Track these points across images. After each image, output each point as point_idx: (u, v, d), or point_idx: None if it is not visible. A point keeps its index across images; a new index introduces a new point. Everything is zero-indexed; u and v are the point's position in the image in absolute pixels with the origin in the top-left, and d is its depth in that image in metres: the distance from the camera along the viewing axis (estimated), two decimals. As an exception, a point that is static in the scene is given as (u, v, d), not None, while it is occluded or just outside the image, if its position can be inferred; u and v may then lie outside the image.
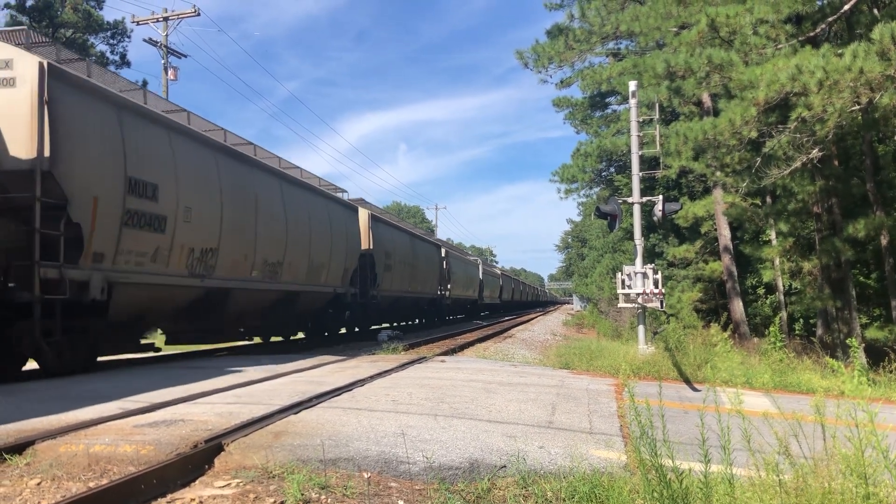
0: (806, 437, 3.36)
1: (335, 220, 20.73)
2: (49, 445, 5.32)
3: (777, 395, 8.87)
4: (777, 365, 11.93)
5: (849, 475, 2.89)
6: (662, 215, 15.64)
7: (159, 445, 5.29)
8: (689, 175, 27.20)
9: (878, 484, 2.88)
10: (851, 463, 2.86)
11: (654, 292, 14.70)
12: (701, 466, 3.61)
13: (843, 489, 2.84)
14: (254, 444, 5.50)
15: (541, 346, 23.13)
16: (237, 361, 12.61)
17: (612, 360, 13.36)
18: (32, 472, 4.84)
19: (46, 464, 4.96)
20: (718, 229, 26.51)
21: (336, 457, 5.24)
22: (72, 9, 37.93)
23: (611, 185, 35.05)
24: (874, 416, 2.98)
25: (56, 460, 5.01)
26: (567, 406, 8.09)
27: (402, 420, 6.62)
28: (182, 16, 31.94)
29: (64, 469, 4.88)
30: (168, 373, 10.40)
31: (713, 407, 3.68)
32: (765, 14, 14.70)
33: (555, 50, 23.73)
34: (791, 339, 24.55)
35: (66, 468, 4.89)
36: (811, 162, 17.79)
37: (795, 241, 24.00)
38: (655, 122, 16.34)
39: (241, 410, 6.77)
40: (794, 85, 13.41)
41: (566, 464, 5.24)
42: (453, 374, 10.74)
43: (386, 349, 15.92)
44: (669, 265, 31.53)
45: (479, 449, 5.64)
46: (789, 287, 27.35)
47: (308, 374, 10.41)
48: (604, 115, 36.43)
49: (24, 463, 5.00)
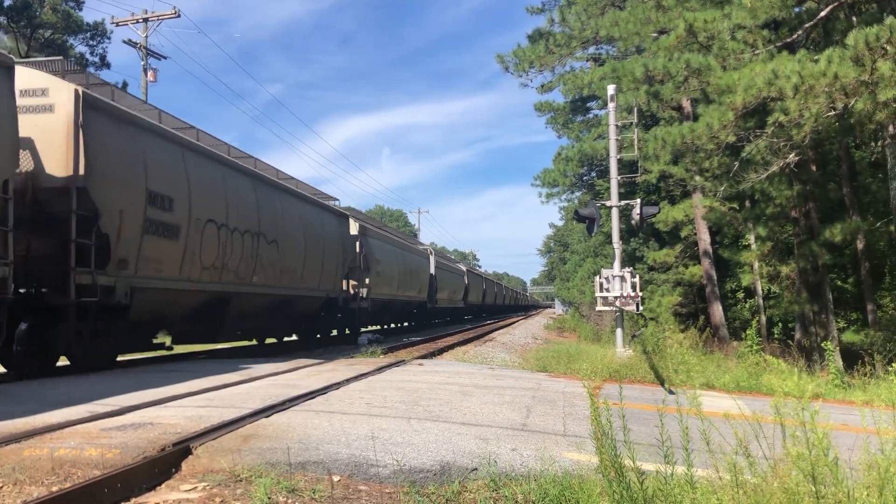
0: (766, 438, 3.37)
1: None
2: (12, 449, 5.23)
3: (749, 397, 8.92)
4: (753, 368, 12.01)
5: (802, 476, 2.90)
6: (640, 219, 15.70)
7: (126, 449, 5.22)
8: (669, 179, 27.35)
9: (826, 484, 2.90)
10: (801, 464, 2.87)
11: (631, 296, 14.75)
12: (668, 469, 3.61)
13: (798, 489, 2.86)
14: (222, 447, 5.44)
15: (521, 350, 23.13)
16: (214, 365, 12.51)
17: (590, 363, 13.39)
18: (-6, 476, 4.76)
19: (9, 468, 4.88)
20: (698, 233, 26.68)
21: (305, 460, 5.20)
22: (51, 9, 37.56)
23: (592, 190, 35.20)
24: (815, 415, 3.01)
25: (19, 464, 4.93)
26: (542, 409, 8.08)
27: (375, 423, 6.58)
28: (162, 17, 31.76)
29: (27, 473, 4.80)
30: (141, 376, 10.29)
31: (674, 408, 3.68)
32: (742, 20, 14.82)
33: (535, 54, 23.82)
34: (769, 342, 24.73)
35: (28, 472, 4.81)
36: (788, 166, 17.96)
37: (774, 246, 24.21)
38: (634, 127, 16.40)
39: (211, 414, 6.70)
40: (771, 90, 13.53)
41: (538, 466, 5.22)
42: (430, 378, 10.70)
43: (364, 353, 15.87)
44: (650, 269, 31.69)
45: (451, 452, 5.61)
46: (768, 291, 27.56)
47: (284, 378, 10.34)
48: (585, 120, 36.57)
49: (-14, 467, 4.91)
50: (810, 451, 2.77)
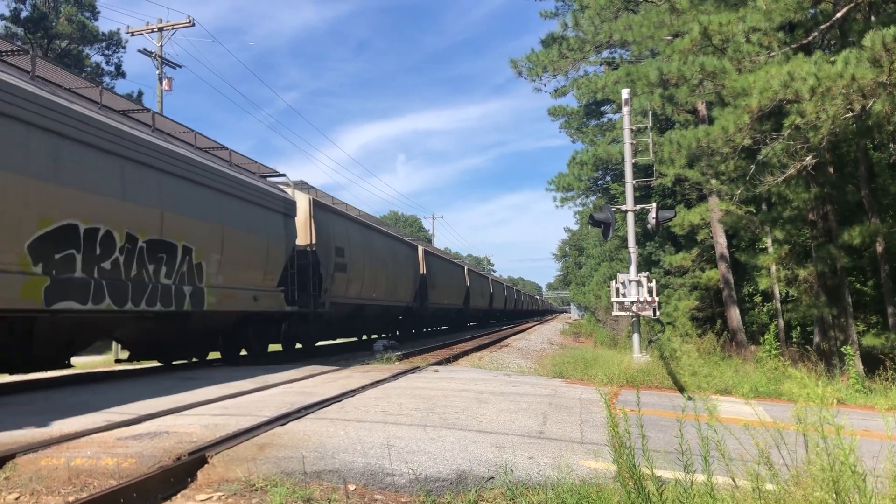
0: (787, 447, 3.30)
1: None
2: (30, 459, 5.25)
3: (769, 403, 8.82)
4: (771, 373, 11.87)
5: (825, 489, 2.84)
6: (656, 223, 15.60)
7: (141, 458, 5.23)
8: (685, 183, 27.18)
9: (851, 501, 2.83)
10: (825, 476, 2.81)
11: (647, 300, 14.65)
12: (687, 477, 3.56)
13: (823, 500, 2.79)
14: (238, 456, 5.43)
15: (536, 356, 23.04)
16: (229, 372, 12.53)
17: (607, 368, 13.29)
18: (11, 486, 4.78)
19: (26, 478, 4.89)
20: (714, 237, 26.48)
21: (321, 469, 5.18)
22: (66, 20, 37.94)
23: (607, 194, 35.01)
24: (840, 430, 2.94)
25: (36, 474, 4.95)
26: (559, 416, 8.02)
27: (391, 431, 6.55)
28: (176, 26, 31.95)
29: (44, 483, 4.81)
30: (158, 384, 10.32)
31: (692, 415, 3.62)
32: (757, 22, 14.69)
33: (549, 59, 23.76)
34: (788, 346, 24.49)
35: (45, 482, 4.82)
36: (805, 169, 17.78)
37: (791, 249, 23.95)
38: (649, 130, 16.32)
39: (227, 422, 6.70)
40: (787, 92, 13.40)
41: (555, 475, 5.17)
42: (446, 384, 10.67)
43: (380, 359, 15.85)
44: (666, 273, 31.47)
45: (467, 460, 5.58)
46: (786, 295, 27.30)
47: (299, 385, 10.34)
48: (599, 124, 36.45)
49: (4, 477, 4.93)
50: (833, 467, 2.70)
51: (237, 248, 14.70)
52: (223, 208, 14.43)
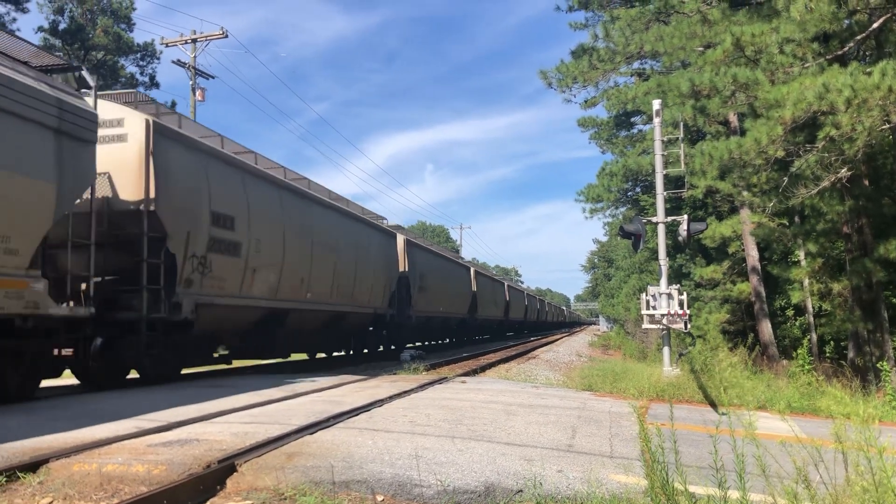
0: (825, 465, 3.23)
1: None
2: (63, 464, 5.31)
3: (803, 419, 8.66)
4: (805, 388, 11.67)
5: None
6: (687, 235, 15.43)
7: (172, 465, 5.26)
8: (716, 195, 26.90)
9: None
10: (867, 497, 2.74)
11: (678, 314, 14.49)
12: (720, 493, 3.49)
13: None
14: (267, 465, 5.45)
15: (565, 368, 22.90)
16: (258, 380, 12.60)
17: (637, 382, 13.14)
18: (45, 490, 4.83)
19: (59, 482, 4.95)
20: (746, 249, 26.16)
21: (349, 479, 5.17)
22: (102, 32, 38.68)
23: (636, 205, 34.81)
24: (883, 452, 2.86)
25: (69, 479, 5.00)
26: (588, 429, 7.95)
27: (419, 442, 6.53)
28: (210, 37, 32.42)
29: (76, 488, 4.86)
30: (188, 391, 10.41)
31: (726, 430, 3.56)
32: (791, 33, 14.53)
33: (579, 70, 23.69)
34: (821, 361, 24.07)
35: (78, 487, 4.87)
36: (840, 181, 17.52)
37: (825, 262, 23.57)
38: (680, 142, 16.18)
39: (256, 430, 6.73)
40: (822, 103, 13.23)
41: (584, 489, 5.11)
42: (473, 396, 10.62)
43: (407, 369, 15.84)
44: (697, 286, 31.15)
45: (495, 472, 5.54)
46: (819, 309, 26.87)
47: (327, 394, 10.36)
48: (629, 135, 36.27)
49: (38, 481, 4.99)
50: (877, 489, 2.64)
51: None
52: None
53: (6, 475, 4.93)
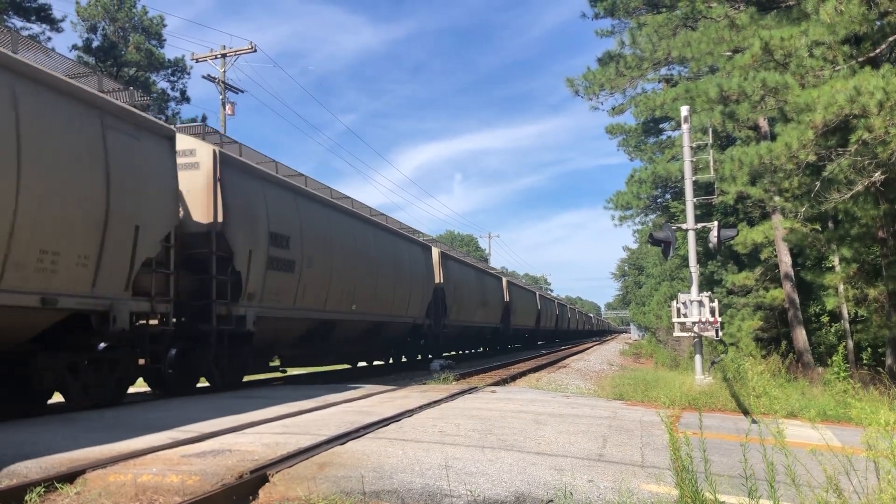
0: (857, 473, 3.19)
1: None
2: (99, 475, 5.41)
3: (837, 427, 8.52)
4: (840, 396, 11.47)
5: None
6: (718, 242, 15.29)
7: (205, 476, 5.33)
8: (747, 200, 26.60)
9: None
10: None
11: (710, 321, 14.34)
12: (752, 502, 3.46)
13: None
14: (298, 475, 5.50)
15: (595, 377, 22.75)
16: (290, 391, 12.71)
17: (668, 390, 13.02)
18: (82, 500, 4.93)
19: (95, 493, 5.04)
20: (778, 256, 25.82)
21: (380, 489, 5.20)
22: (135, 48, 39.40)
23: (666, 212, 34.51)
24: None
25: (105, 489, 5.09)
26: (619, 438, 7.90)
27: (449, 452, 6.54)
28: (239, 52, 32.83)
29: (112, 498, 4.94)
30: (220, 402, 10.53)
31: (757, 439, 3.53)
32: (820, 36, 14.35)
33: (605, 77, 23.62)
34: (858, 368, 23.63)
35: (113, 497, 4.96)
36: (874, 185, 17.21)
37: (860, 267, 23.16)
38: (709, 147, 16.05)
39: (287, 441, 6.79)
40: (853, 107, 13.04)
41: (615, 499, 5.09)
42: (503, 405, 10.61)
43: (437, 379, 15.86)
44: (729, 293, 30.77)
45: (525, 482, 5.53)
46: (855, 315, 26.39)
47: (357, 405, 10.42)
48: (658, 142, 36.01)
49: (75, 492, 5.09)
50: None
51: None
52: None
53: (45, 486, 5.04)
